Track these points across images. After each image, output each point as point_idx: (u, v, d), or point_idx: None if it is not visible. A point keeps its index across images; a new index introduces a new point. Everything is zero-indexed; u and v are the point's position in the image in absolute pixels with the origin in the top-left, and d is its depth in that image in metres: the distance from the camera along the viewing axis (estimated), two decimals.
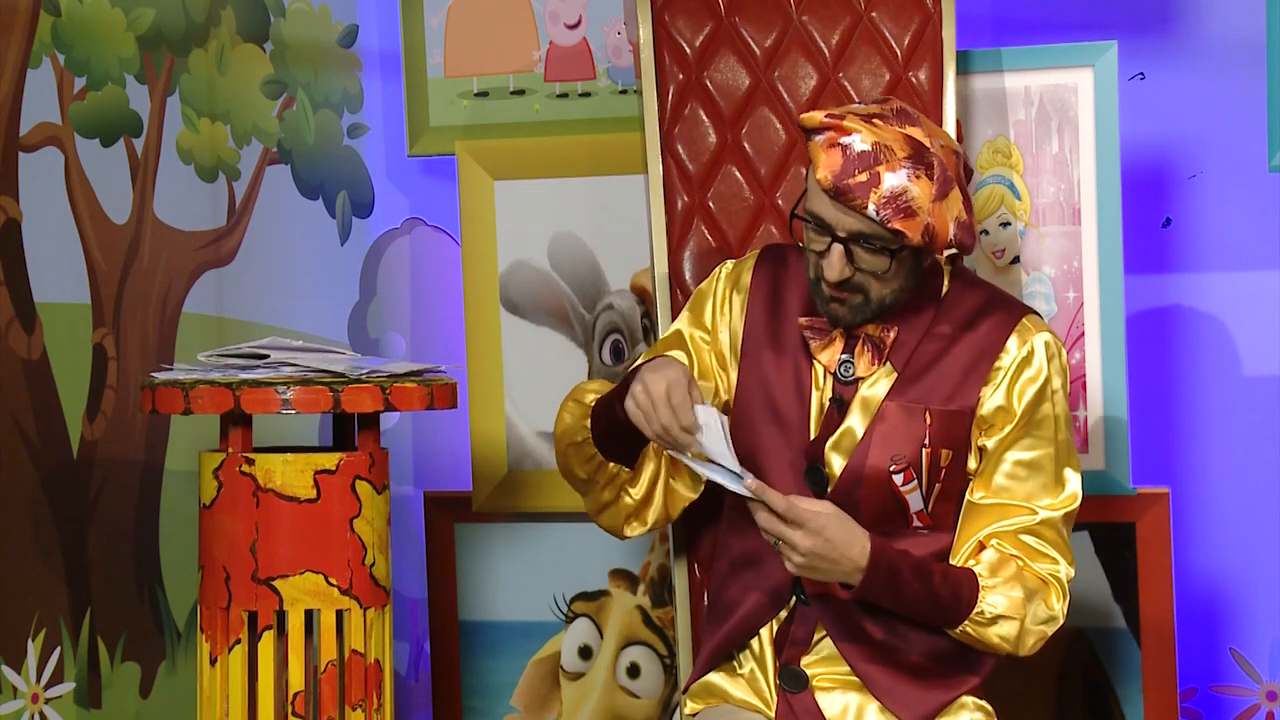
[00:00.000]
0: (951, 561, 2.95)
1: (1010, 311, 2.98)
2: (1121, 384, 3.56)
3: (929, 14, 3.37)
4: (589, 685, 3.97)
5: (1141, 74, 3.86)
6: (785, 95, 3.40)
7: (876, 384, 2.95)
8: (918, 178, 2.81)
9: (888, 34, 3.38)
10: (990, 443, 2.94)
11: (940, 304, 2.97)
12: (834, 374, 2.96)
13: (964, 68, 3.57)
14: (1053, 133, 3.59)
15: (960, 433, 2.94)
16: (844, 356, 2.95)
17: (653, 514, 3.08)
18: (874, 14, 3.38)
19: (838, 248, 2.85)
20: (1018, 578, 2.91)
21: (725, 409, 3.02)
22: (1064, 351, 2.98)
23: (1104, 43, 3.57)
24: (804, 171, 2.92)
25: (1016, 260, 3.62)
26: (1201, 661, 3.84)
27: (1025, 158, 3.61)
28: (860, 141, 2.81)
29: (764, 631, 3.00)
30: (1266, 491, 3.81)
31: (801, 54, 3.40)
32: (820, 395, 2.97)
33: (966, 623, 2.90)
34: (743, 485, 2.80)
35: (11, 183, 3.45)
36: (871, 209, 2.80)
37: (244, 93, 4.02)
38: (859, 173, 2.80)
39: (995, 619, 2.90)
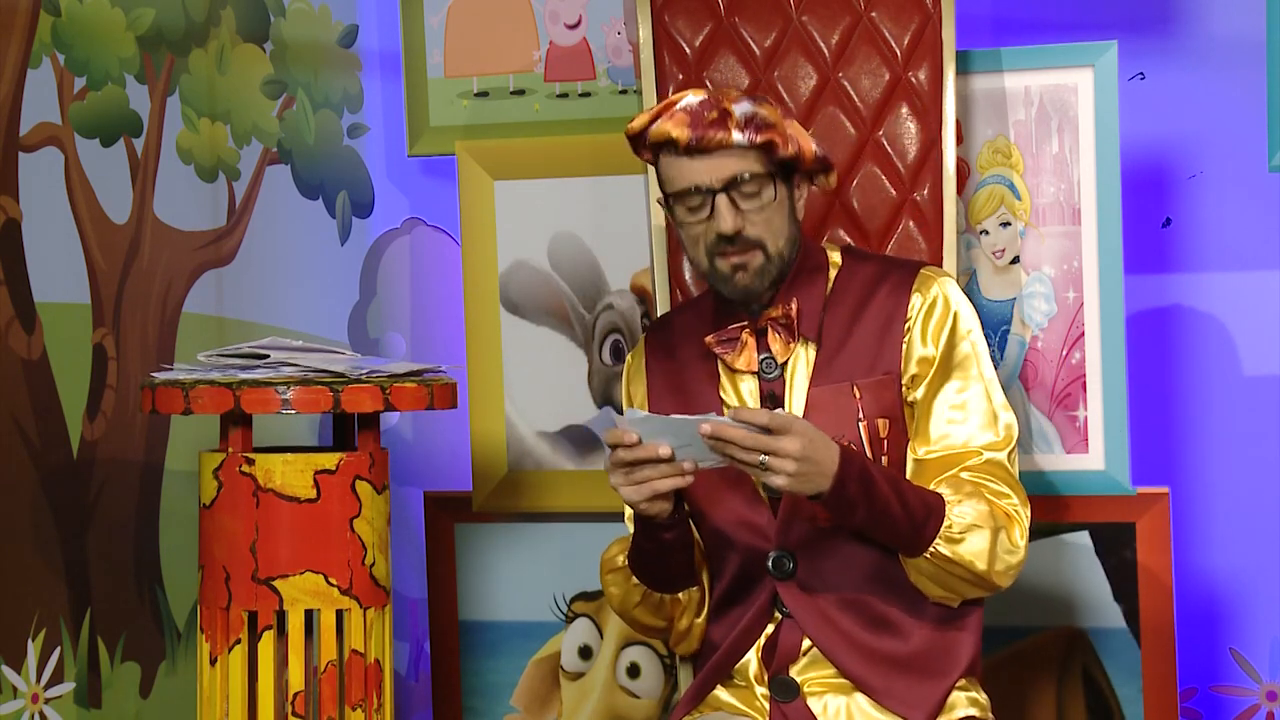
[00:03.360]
0: None
1: (906, 270, 3.03)
2: (1121, 384, 3.56)
3: (929, 14, 3.37)
4: (589, 685, 3.97)
5: (1141, 74, 3.86)
6: (785, 95, 3.40)
7: (800, 364, 2.97)
8: (759, 104, 2.92)
9: (887, 34, 3.38)
10: (919, 393, 2.96)
11: (834, 277, 3.01)
12: (758, 374, 2.97)
13: (964, 68, 3.57)
14: (1053, 133, 3.59)
15: (890, 398, 2.96)
16: (763, 356, 2.97)
17: None
18: (874, 14, 3.38)
19: (722, 198, 2.89)
20: (979, 495, 2.90)
21: None
22: (966, 299, 3.02)
23: (1104, 43, 3.57)
24: (660, 185, 2.97)
25: (1016, 260, 3.62)
26: (1201, 661, 3.84)
27: (1025, 158, 3.61)
28: (693, 96, 2.93)
29: (751, 651, 3.01)
30: (1266, 491, 3.81)
31: (801, 54, 3.40)
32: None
33: (938, 539, 2.86)
34: (711, 458, 2.78)
35: (11, 183, 3.45)
36: (735, 135, 2.87)
37: (244, 93, 4.02)
38: (708, 113, 2.89)
39: (966, 531, 2.86)
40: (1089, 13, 3.87)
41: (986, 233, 3.63)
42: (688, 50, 3.42)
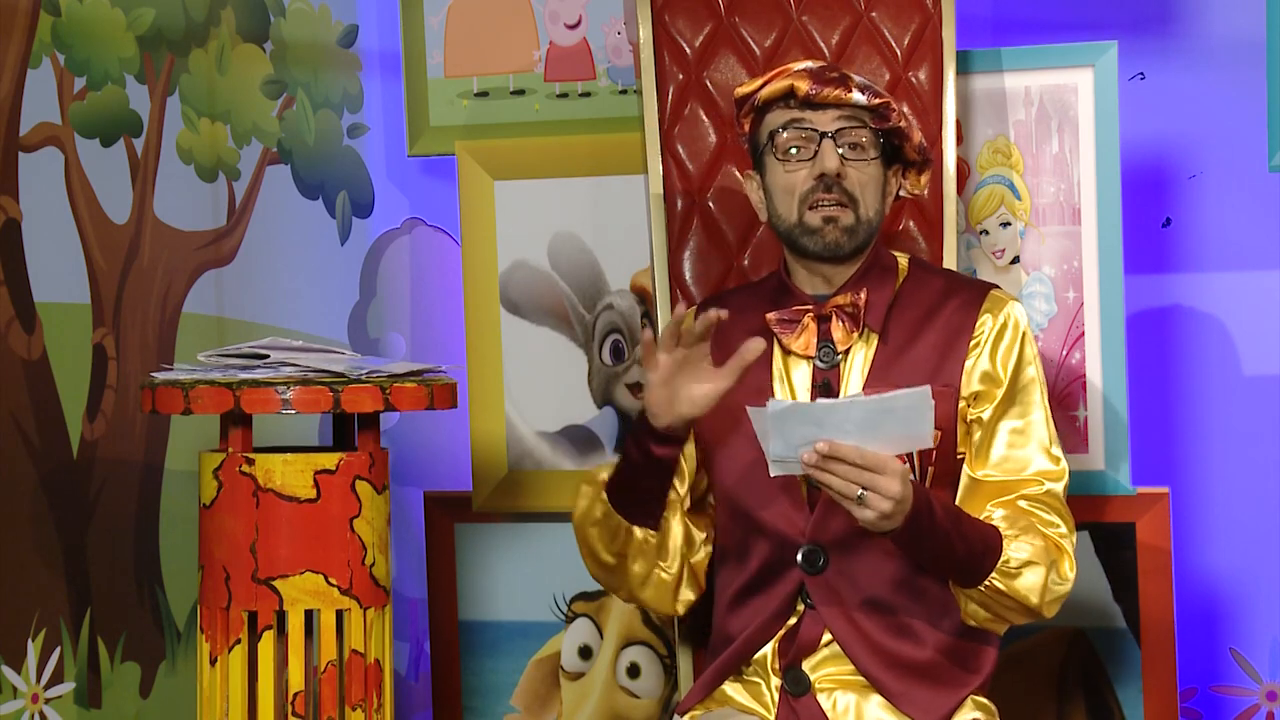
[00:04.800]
0: None
1: (975, 288, 3.05)
2: (1121, 384, 3.56)
3: (929, 14, 3.37)
4: (589, 685, 3.97)
5: (1141, 74, 3.86)
6: None
7: (858, 358, 2.98)
8: (874, 84, 3.00)
9: (888, 34, 3.38)
10: (986, 414, 2.97)
11: (902, 284, 3.03)
12: (815, 359, 2.97)
13: (964, 68, 3.57)
14: (1053, 133, 3.59)
15: (947, 411, 2.96)
16: (822, 343, 2.97)
17: (689, 591, 3.08)
18: (874, 14, 3.38)
19: (829, 143, 2.94)
20: (1035, 530, 2.92)
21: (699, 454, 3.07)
22: (1030, 326, 3.05)
23: (1104, 43, 3.57)
24: (759, 141, 3.01)
25: (1016, 260, 3.62)
26: (1201, 661, 3.84)
27: (1025, 158, 3.61)
28: (808, 62, 3.00)
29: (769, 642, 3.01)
30: (1266, 491, 3.81)
31: (801, 54, 3.40)
32: (793, 394, 2.98)
33: (994, 573, 2.88)
34: (799, 464, 2.75)
35: (11, 183, 3.45)
36: (855, 95, 2.93)
37: (244, 93, 4.02)
38: (830, 74, 2.96)
39: (1022, 566, 2.88)
40: (1089, 13, 3.87)
41: (986, 233, 3.63)
42: (688, 50, 3.42)
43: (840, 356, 2.99)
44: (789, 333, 2.99)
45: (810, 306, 2.99)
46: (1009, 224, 3.63)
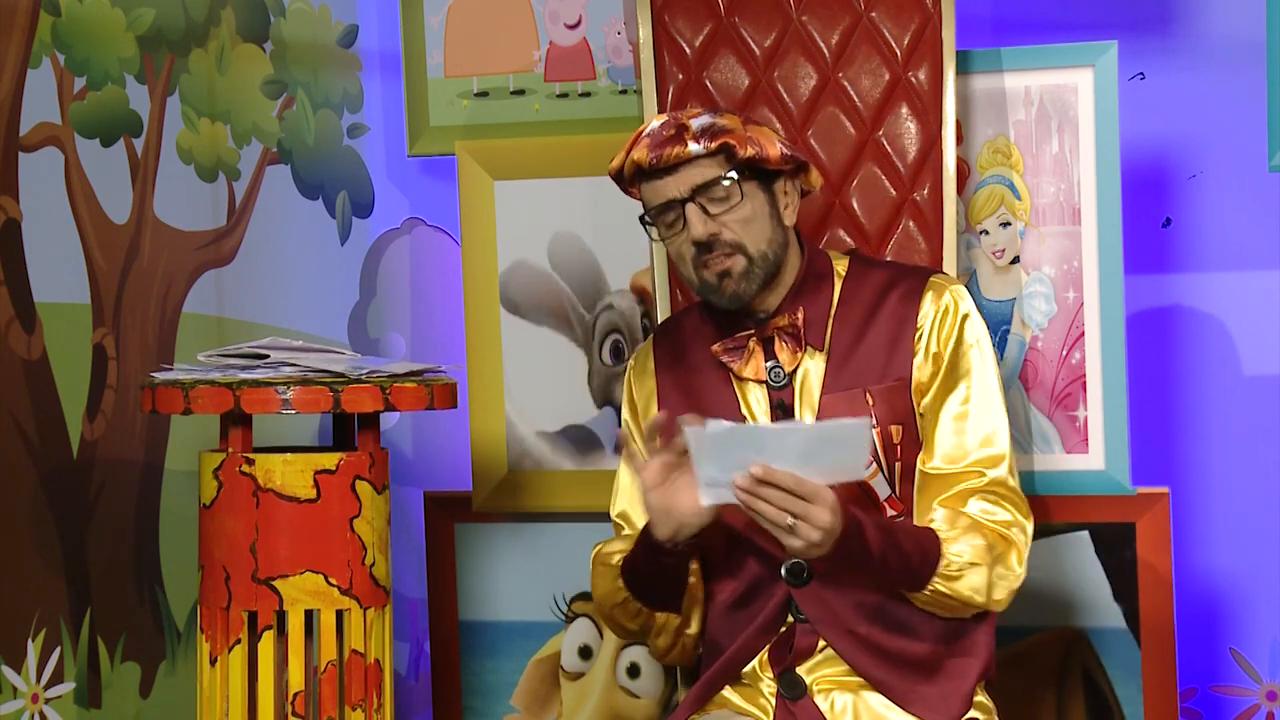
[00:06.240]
0: None
1: (917, 277, 3.03)
2: (1121, 384, 3.56)
3: (929, 14, 3.37)
4: (589, 685, 3.97)
5: (1141, 74, 3.86)
6: (785, 95, 3.40)
7: (809, 372, 2.97)
8: (719, 115, 2.94)
9: (887, 34, 3.38)
10: (926, 402, 2.96)
11: (841, 285, 3.01)
12: (767, 383, 2.97)
13: (964, 68, 3.57)
14: (1053, 133, 3.59)
15: (902, 405, 2.96)
16: (769, 364, 2.97)
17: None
18: (874, 14, 3.38)
19: (691, 207, 2.91)
20: (975, 528, 2.91)
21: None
22: (975, 307, 3.01)
23: (1104, 43, 3.58)
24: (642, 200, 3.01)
25: (1016, 260, 3.62)
26: (1201, 661, 3.84)
27: (1025, 158, 3.61)
28: (655, 121, 2.96)
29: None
30: (1266, 491, 3.81)
31: (801, 54, 3.40)
32: (754, 416, 2.98)
33: (935, 578, 2.87)
34: (731, 489, 2.73)
35: (11, 183, 3.45)
36: (692, 146, 2.89)
37: (244, 93, 4.02)
38: (666, 132, 2.92)
39: (963, 569, 2.88)
40: (1089, 13, 3.87)
41: (986, 233, 3.63)
42: (688, 50, 3.42)
43: (790, 375, 2.98)
44: (737, 360, 2.99)
45: (752, 330, 2.99)
46: (1009, 224, 3.63)
